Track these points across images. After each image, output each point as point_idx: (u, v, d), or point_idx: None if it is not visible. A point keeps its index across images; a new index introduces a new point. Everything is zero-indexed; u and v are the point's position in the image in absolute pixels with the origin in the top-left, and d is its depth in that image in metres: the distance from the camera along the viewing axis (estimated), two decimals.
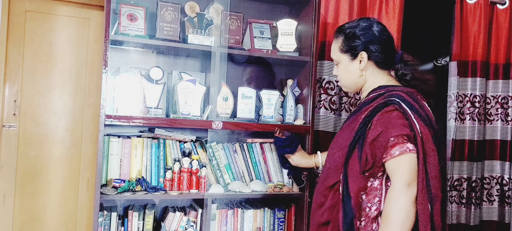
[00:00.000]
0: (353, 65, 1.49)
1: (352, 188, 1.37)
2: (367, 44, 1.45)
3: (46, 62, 2.81)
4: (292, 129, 2.15)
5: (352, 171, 1.38)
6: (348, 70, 1.51)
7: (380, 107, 1.37)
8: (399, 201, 1.27)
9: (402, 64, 1.49)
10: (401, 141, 1.29)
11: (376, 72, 1.48)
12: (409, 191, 1.28)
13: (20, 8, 2.77)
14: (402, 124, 1.31)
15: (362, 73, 1.48)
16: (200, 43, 2.03)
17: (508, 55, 2.80)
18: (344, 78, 1.54)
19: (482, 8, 2.71)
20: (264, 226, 2.20)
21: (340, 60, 1.53)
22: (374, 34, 1.46)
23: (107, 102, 1.88)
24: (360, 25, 1.48)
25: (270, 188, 2.16)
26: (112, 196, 1.89)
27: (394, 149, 1.30)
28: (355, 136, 1.39)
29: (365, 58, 1.46)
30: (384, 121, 1.33)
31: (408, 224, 1.27)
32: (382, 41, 1.46)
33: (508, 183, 2.80)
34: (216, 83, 2.12)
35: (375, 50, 1.45)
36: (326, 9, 2.42)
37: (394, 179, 1.31)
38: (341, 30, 1.52)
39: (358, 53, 1.47)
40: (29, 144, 2.79)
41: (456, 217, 2.71)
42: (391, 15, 2.52)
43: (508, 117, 2.80)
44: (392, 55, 1.49)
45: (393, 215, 1.28)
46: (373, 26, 1.47)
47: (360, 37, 1.46)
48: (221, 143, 2.19)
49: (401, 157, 1.29)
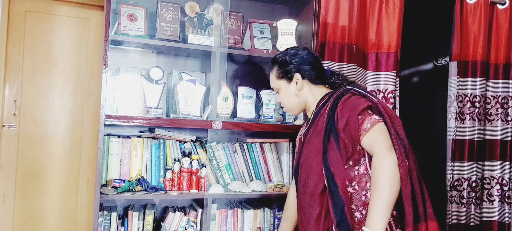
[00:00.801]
0: (290, 87, 1.67)
1: (337, 177, 1.43)
2: (299, 66, 1.64)
3: (46, 62, 2.81)
4: (292, 128, 2.15)
5: (332, 160, 1.45)
6: (288, 93, 1.68)
7: (338, 98, 1.51)
8: (385, 165, 1.36)
9: (334, 76, 1.69)
10: (367, 114, 1.43)
11: (313, 88, 1.66)
12: (391, 154, 1.38)
13: (20, 8, 2.76)
14: (363, 101, 1.47)
15: (299, 93, 1.65)
16: (200, 43, 2.03)
17: (508, 55, 2.80)
18: (287, 101, 1.71)
19: (482, 8, 2.71)
20: (264, 226, 2.20)
21: (279, 87, 1.71)
22: (302, 57, 1.65)
23: (107, 102, 1.88)
24: (289, 53, 1.67)
25: (270, 188, 2.16)
26: (112, 196, 1.89)
27: (365, 123, 1.42)
28: (326, 130, 1.48)
29: (300, 79, 1.64)
30: (347, 106, 1.47)
31: (396, 185, 1.36)
32: (311, 61, 1.65)
33: (508, 183, 2.80)
34: (216, 83, 2.12)
35: (307, 69, 1.64)
36: (326, 9, 2.42)
37: (375, 149, 1.40)
38: (274, 61, 1.71)
39: (292, 75, 1.65)
40: (29, 144, 2.79)
41: (456, 217, 2.71)
42: (391, 15, 2.52)
43: (508, 117, 2.80)
44: (322, 72, 1.68)
45: (382, 179, 1.35)
46: (300, 51, 1.67)
47: (291, 62, 1.65)
48: (221, 143, 2.19)
49: (373, 128, 1.41)
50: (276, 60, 1.70)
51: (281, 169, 2.28)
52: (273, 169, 2.26)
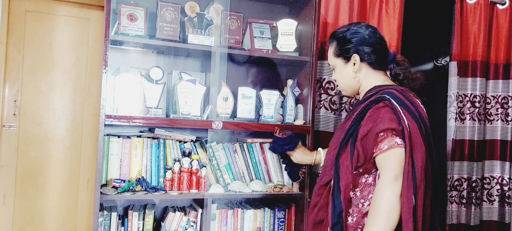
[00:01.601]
0: (347, 68, 1.54)
1: (342, 182, 1.41)
2: (359, 47, 1.51)
3: (46, 62, 2.81)
4: (292, 128, 2.15)
5: (343, 166, 1.42)
6: (343, 73, 1.56)
7: (371, 104, 1.42)
8: (386, 194, 1.31)
9: (395, 64, 1.56)
10: (389, 135, 1.34)
11: (370, 73, 1.53)
12: (395, 184, 1.31)
13: (20, 8, 2.77)
14: (390, 118, 1.35)
15: (356, 75, 1.53)
16: (200, 43, 2.03)
17: (508, 55, 2.80)
18: (341, 81, 1.60)
19: (482, 8, 2.71)
20: (264, 226, 2.20)
21: (335, 65, 1.59)
22: (364, 37, 1.51)
23: (107, 102, 1.88)
24: (351, 29, 1.54)
25: (270, 188, 2.16)
26: (112, 196, 1.89)
27: (383, 143, 1.34)
28: (347, 133, 1.44)
29: (358, 60, 1.51)
30: (374, 117, 1.38)
31: (394, 216, 1.30)
32: (373, 43, 1.51)
33: (508, 183, 2.80)
34: (216, 83, 2.12)
35: (367, 51, 1.50)
36: (326, 9, 2.42)
37: (382, 173, 1.34)
38: (334, 36, 1.59)
39: (350, 56, 1.52)
40: (29, 144, 2.79)
41: (456, 217, 2.71)
42: (391, 15, 2.52)
43: (508, 117, 2.80)
44: (384, 56, 1.54)
45: (380, 207, 1.31)
46: (363, 29, 1.53)
47: (351, 41, 1.52)
48: (221, 143, 2.19)
49: (390, 151, 1.33)
50: (336, 36, 1.57)
51: (281, 169, 2.28)
52: (273, 169, 2.26)
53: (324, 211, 1.48)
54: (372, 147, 1.36)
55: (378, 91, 1.46)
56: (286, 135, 1.95)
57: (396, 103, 1.38)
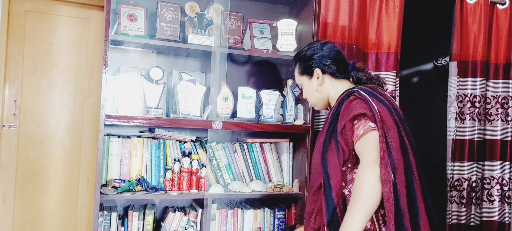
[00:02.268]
0: (312, 83, 1.65)
1: (333, 179, 1.44)
2: (319, 61, 1.62)
3: (46, 62, 2.81)
4: (292, 128, 2.15)
5: (330, 162, 1.46)
6: (310, 89, 1.67)
7: (343, 101, 1.50)
8: (365, 177, 1.35)
9: (355, 71, 1.66)
10: (362, 120, 1.41)
11: (334, 82, 1.63)
12: (375, 167, 1.35)
13: (20, 8, 2.76)
14: (361, 106, 1.43)
15: (320, 88, 1.63)
16: (200, 43, 2.03)
17: (508, 55, 2.80)
18: (310, 97, 1.69)
19: (482, 8, 2.71)
20: (264, 226, 2.20)
21: (302, 83, 1.70)
22: (323, 52, 1.63)
23: (107, 102, 1.88)
24: (310, 48, 1.66)
25: (270, 188, 2.16)
26: (112, 196, 1.89)
27: (358, 129, 1.41)
28: (327, 130, 1.49)
29: (320, 74, 1.62)
30: (347, 109, 1.46)
31: (374, 198, 1.34)
32: (331, 56, 1.63)
33: (508, 183, 2.80)
34: (216, 83, 2.12)
35: (327, 64, 1.62)
36: (326, 9, 2.42)
37: (362, 158, 1.39)
38: (296, 57, 1.70)
39: (313, 71, 1.63)
40: (29, 144, 2.79)
41: (456, 217, 2.71)
42: (391, 15, 2.52)
43: (508, 117, 2.80)
44: (344, 65, 1.65)
45: (360, 190, 1.35)
46: (320, 45, 1.66)
47: (312, 57, 1.64)
48: (221, 143, 2.19)
49: (365, 136, 1.39)
50: (298, 57, 1.70)
51: (281, 169, 2.28)
52: (273, 169, 2.26)
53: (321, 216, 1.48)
54: (351, 137, 1.42)
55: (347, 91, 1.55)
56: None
57: (365, 93, 1.47)
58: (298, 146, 2.24)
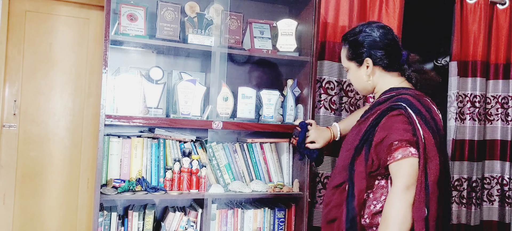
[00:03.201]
0: (360, 71, 1.55)
1: (357, 188, 1.40)
2: (371, 50, 1.50)
3: (46, 62, 2.81)
4: (292, 129, 2.15)
5: (357, 171, 1.41)
6: (357, 77, 1.57)
7: (387, 111, 1.40)
8: (397, 204, 1.31)
9: (408, 65, 1.53)
10: (404, 145, 1.32)
11: (384, 75, 1.53)
12: (407, 194, 1.31)
13: (20, 8, 2.77)
14: (405, 128, 1.34)
15: (369, 79, 1.53)
16: (200, 43, 2.03)
17: (508, 55, 2.80)
18: (355, 83, 1.61)
19: (482, 8, 2.71)
20: (264, 226, 2.20)
21: (349, 67, 1.59)
22: (375, 40, 1.50)
23: (107, 102, 1.88)
24: (363, 32, 1.52)
25: (270, 188, 2.16)
26: (112, 196, 1.89)
27: (397, 152, 1.33)
28: (362, 138, 1.43)
29: (371, 64, 1.51)
30: (389, 125, 1.37)
31: (406, 226, 1.30)
32: (385, 46, 1.50)
33: (508, 183, 2.80)
34: (216, 83, 2.12)
35: (379, 55, 1.50)
36: (326, 9, 2.42)
37: (395, 182, 1.33)
38: (346, 39, 1.58)
39: (363, 60, 1.52)
40: (29, 144, 2.79)
41: (456, 217, 2.71)
42: (391, 15, 2.52)
43: (508, 117, 2.80)
44: (397, 58, 1.52)
45: (392, 217, 1.31)
46: (375, 31, 1.51)
47: (363, 44, 1.51)
48: (221, 143, 2.19)
49: (403, 160, 1.32)
50: (347, 39, 1.56)
51: (281, 169, 2.28)
52: (273, 169, 2.26)
53: (336, 210, 1.47)
54: (386, 155, 1.35)
55: (394, 95, 1.45)
56: (295, 135, 1.95)
57: (412, 112, 1.37)
58: None
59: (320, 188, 2.42)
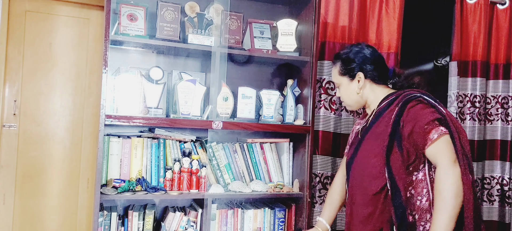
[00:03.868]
0: (352, 85, 1.67)
1: (399, 181, 1.47)
2: (362, 65, 1.64)
3: (46, 62, 2.81)
4: (292, 129, 2.15)
5: (395, 167, 1.48)
6: (349, 90, 1.68)
7: (405, 104, 1.50)
8: (449, 177, 1.39)
9: (396, 77, 1.69)
10: (435, 125, 1.43)
11: (374, 87, 1.65)
12: (456, 167, 1.40)
13: (20, 8, 2.77)
14: (430, 111, 1.46)
15: (360, 92, 1.65)
16: (200, 43, 2.03)
17: (508, 55, 2.80)
18: (346, 98, 1.71)
19: (482, 8, 2.71)
20: (264, 226, 2.20)
21: (340, 83, 1.71)
22: (366, 56, 1.65)
23: (107, 102, 1.88)
24: (353, 50, 1.67)
25: (270, 188, 2.16)
26: (112, 196, 1.89)
27: (431, 133, 1.42)
28: (390, 135, 1.50)
29: (363, 78, 1.64)
30: (413, 115, 1.46)
31: (460, 197, 1.39)
32: (374, 61, 1.65)
33: (508, 183, 2.80)
34: (216, 83, 2.12)
35: (370, 69, 1.64)
36: (326, 9, 2.42)
37: (440, 160, 1.41)
38: (338, 57, 1.71)
39: (355, 74, 1.65)
40: (29, 144, 2.79)
41: None
42: (391, 15, 2.52)
43: (509, 117, 2.80)
44: (385, 71, 1.68)
45: (446, 191, 1.38)
46: (364, 49, 1.67)
47: (355, 60, 1.65)
48: (221, 143, 2.19)
49: (440, 139, 1.41)
50: (340, 56, 1.70)
51: (281, 169, 2.28)
52: (273, 169, 2.26)
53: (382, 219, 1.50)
54: (422, 141, 1.43)
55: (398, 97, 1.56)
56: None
57: (427, 97, 1.51)
58: (298, 146, 2.24)
59: (320, 188, 2.42)
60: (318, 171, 2.42)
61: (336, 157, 2.45)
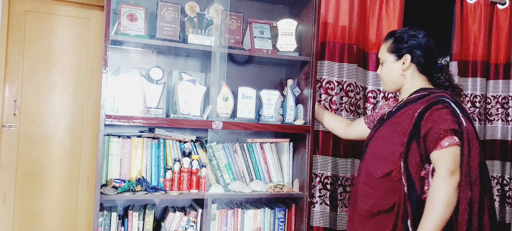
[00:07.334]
0: (396, 65, 1.67)
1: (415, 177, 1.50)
2: (412, 49, 1.64)
3: (46, 62, 2.81)
4: (292, 129, 2.15)
5: (411, 163, 1.51)
6: (391, 69, 1.68)
7: (431, 105, 1.52)
8: (443, 187, 1.42)
9: (441, 73, 1.69)
10: (450, 134, 1.45)
11: (416, 75, 1.65)
12: (452, 178, 1.42)
13: (20, 8, 2.76)
14: (451, 119, 1.47)
15: (403, 73, 1.65)
16: (200, 43, 2.03)
17: (508, 55, 2.80)
18: (387, 76, 1.71)
19: (482, 8, 2.71)
20: (264, 226, 2.20)
21: (385, 59, 1.71)
22: (420, 42, 1.64)
23: (107, 102, 1.88)
24: (409, 32, 1.66)
25: (270, 188, 2.16)
26: (112, 196, 1.89)
27: (444, 140, 1.44)
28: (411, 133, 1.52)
29: (408, 60, 1.64)
30: (435, 117, 1.48)
31: (451, 208, 1.43)
32: (426, 49, 1.64)
33: (508, 183, 2.80)
34: (216, 83, 2.12)
35: (419, 55, 1.63)
36: (326, 9, 2.42)
37: (440, 167, 1.44)
38: (393, 34, 1.71)
39: (403, 55, 1.65)
40: (29, 144, 2.79)
41: None
42: (391, 15, 2.52)
43: (509, 117, 2.80)
44: (432, 64, 1.67)
45: (438, 200, 1.42)
46: (420, 36, 1.65)
47: (407, 41, 1.65)
48: (221, 143, 2.19)
49: (449, 148, 1.44)
50: (394, 34, 1.70)
51: (281, 169, 2.28)
52: (273, 169, 2.26)
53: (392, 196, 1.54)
54: (433, 144, 1.46)
55: (430, 94, 1.57)
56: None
57: (454, 106, 1.50)
58: (298, 146, 2.24)
59: (320, 188, 2.42)
60: (318, 171, 2.42)
61: (336, 157, 2.45)
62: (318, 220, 2.40)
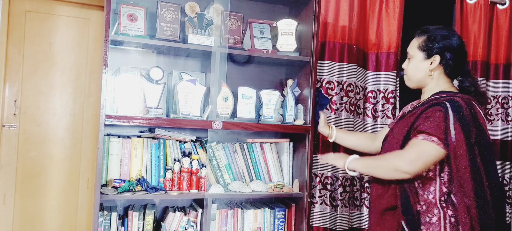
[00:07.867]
0: (424, 63, 1.62)
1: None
2: (444, 50, 1.59)
3: (46, 62, 2.81)
4: (292, 129, 2.15)
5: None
6: (418, 67, 1.64)
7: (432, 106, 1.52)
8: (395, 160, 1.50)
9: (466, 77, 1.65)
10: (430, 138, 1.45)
11: (441, 77, 1.62)
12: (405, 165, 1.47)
13: (20, 8, 2.76)
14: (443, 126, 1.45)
15: (430, 74, 1.61)
16: (200, 43, 2.03)
17: (508, 55, 2.80)
18: (412, 73, 1.67)
19: (482, 8, 2.71)
20: (264, 226, 2.20)
21: (414, 56, 1.66)
22: (452, 44, 1.59)
23: (107, 102, 1.88)
24: (443, 33, 1.62)
25: (270, 188, 2.16)
26: (112, 196, 1.89)
27: (421, 135, 1.47)
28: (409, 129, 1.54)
29: (437, 62, 1.60)
30: (426, 116, 1.50)
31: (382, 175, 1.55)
32: (457, 52, 1.60)
33: (508, 183, 2.80)
34: (216, 83, 2.12)
35: (449, 58, 1.59)
36: (326, 9, 2.42)
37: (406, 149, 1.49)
38: (426, 30, 1.65)
39: (433, 55, 1.60)
40: (29, 144, 2.79)
41: None
42: (391, 15, 2.52)
43: (509, 117, 2.80)
44: (461, 68, 1.63)
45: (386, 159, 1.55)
46: (454, 37, 1.61)
47: (439, 42, 1.60)
48: (221, 143, 2.19)
49: (424, 141, 1.45)
50: (428, 31, 1.64)
51: (281, 169, 2.28)
52: (273, 169, 2.26)
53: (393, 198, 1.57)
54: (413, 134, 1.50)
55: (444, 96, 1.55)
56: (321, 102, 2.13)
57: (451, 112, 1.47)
58: (298, 146, 2.24)
59: (320, 188, 2.42)
60: (318, 171, 2.42)
61: None
62: (318, 220, 2.40)
